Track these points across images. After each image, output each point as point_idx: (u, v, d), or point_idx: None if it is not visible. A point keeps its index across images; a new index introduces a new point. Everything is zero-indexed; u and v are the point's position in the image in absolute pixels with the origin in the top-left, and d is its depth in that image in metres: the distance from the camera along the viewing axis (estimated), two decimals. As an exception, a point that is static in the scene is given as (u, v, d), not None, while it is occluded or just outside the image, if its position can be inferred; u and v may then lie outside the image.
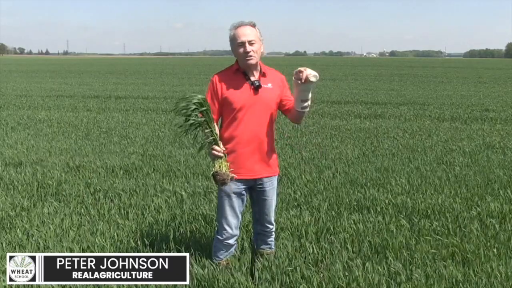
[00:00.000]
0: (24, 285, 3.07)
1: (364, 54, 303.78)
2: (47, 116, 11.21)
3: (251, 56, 2.88)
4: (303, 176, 5.63)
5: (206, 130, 2.80)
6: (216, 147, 2.81)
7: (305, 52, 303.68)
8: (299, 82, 2.81)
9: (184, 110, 2.76)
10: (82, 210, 4.54)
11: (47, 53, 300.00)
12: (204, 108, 2.78)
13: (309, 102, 2.96)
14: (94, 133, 8.95)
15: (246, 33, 2.87)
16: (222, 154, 2.82)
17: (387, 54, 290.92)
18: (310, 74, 2.79)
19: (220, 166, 2.80)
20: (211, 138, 2.81)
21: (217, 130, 2.87)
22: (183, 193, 4.99)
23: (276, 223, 3.69)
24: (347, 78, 27.66)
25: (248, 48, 2.87)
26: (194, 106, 2.75)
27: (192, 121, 2.76)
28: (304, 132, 9.05)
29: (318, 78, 2.82)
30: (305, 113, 3.03)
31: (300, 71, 2.80)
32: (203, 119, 2.78)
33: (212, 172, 2.83)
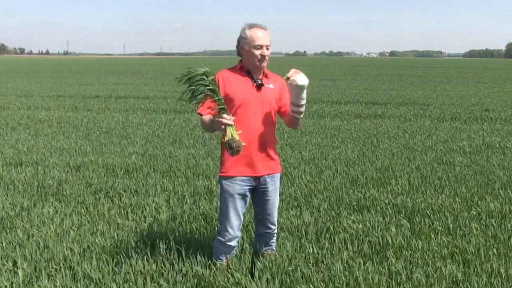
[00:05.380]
0: (21, 284, 3.08)
1: (364, 54, 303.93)
2: (47, 116, 11.21)
3: (266, 60, 2.94)
4: (303, 176, 5.63)
5: (216, 98, 2.75)
6: (225, 115, 2.75)
7: (305, 52, 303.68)
8: (285, 79, 2.85)
9: (191, 79, 2.74)
10: (82, 210, 4.55)
11: (47, 53, 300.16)
12: (212, 77, 2.77)
13: (299, 109, 2.94)
14: (94, 133, 8.95)
15: (265, 37, 2.92)
16: (231, 122, 2.76)
17: (387, 54, 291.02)
18: (296, 77, 2.80)
19: (232, 134, 2.74)
20: (219, 107, 2.77)
21: (223, 100, 2.80)
22: (184, 193, 4.99)
23: (278, 224, 3.70)
24: (347, 78, 27.66)
25: (265, 52, 2.92)
26: (200, 76, 2.74)
27: (200, 90, 2.73)
28: (304, 132, 9.05)
29: (304, 84, 2.82)
30: (297, 118, 3.01)
31: (293, 72, 2.84)
32: (210, 87, 2.75)
33: (227, 141, 2.73)
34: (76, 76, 29.68)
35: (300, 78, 2.82)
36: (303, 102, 2.94)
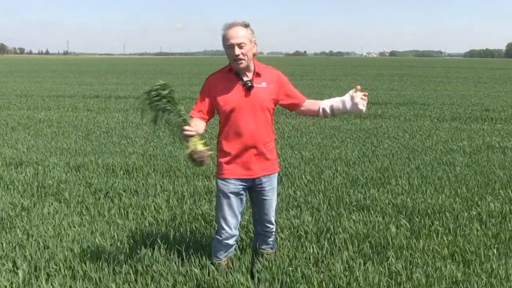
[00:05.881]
0: (21, 284, 3.08)
1: (364, 54, 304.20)
2: (47, 116, 11.20)
3: (240, 59, 2.81)
4: (303, 176, 5.63)
5: (172, 114, 2.69)
6: (186, 127, 2.69)
7: (305, 52, 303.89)
8: (353, 95, 3.09)
9: (147, 101, 2.69)
10: (83, 210, 4.55)
11: (47, 53, 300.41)
12: (166, 92, 2.69)
13: (336, 116, 3.25)
14: (94, 133, 8.95)
15: (235, 35, 2.79)
16: (193, 133, 2.70)
17: (387, 54, 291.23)
18: (364, 104, 3.08)
19: (195, 145, 2.69)
20: (180, 118, 2.70)
21: (184, 111, 2.75)
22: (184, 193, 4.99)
23: (276, 223, 3.70)
24: (347, 78, 27.65)
25: (237, 51, 2.79)
26: (154, 93, 2.68)
27: (157, 108, 2.67)
28: (304, 132, 9.05)
29: (361, 112, 3.12)
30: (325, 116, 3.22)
31: (365, 94, 3.07)
32: (165, 105, 2.68)
33: (188, 153, 2.70)
34: (76, 76, 29.67)
35: (365, 107, 3.10)
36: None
